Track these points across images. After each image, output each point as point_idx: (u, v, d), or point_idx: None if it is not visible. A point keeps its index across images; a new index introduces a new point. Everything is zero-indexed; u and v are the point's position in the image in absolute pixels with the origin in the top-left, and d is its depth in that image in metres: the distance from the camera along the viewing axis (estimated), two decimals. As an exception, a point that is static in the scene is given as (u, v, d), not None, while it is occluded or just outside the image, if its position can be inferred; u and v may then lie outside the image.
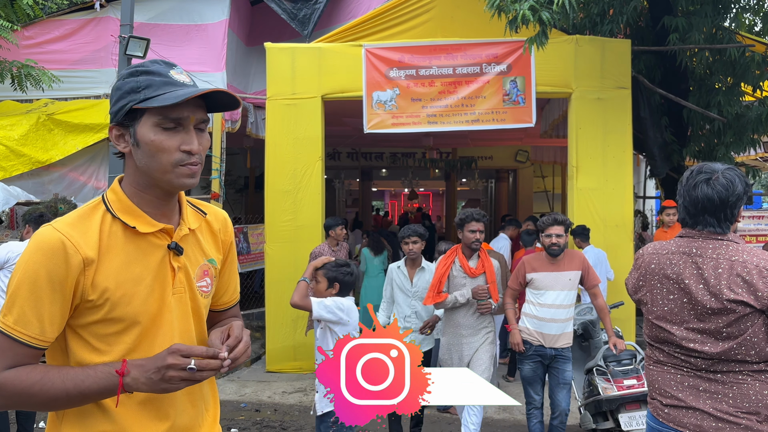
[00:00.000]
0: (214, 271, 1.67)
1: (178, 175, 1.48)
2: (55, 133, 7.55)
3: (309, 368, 7.16)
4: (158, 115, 1.45)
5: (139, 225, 1.49)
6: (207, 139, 1.55)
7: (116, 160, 6.74)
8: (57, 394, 1.38)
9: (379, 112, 7.20)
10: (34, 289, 1.39)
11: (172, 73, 1.48)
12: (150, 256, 1.51)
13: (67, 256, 1.40)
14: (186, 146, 1.46)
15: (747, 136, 7.63)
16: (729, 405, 2.02)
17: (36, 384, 1.38)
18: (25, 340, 1.39)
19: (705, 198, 2.11)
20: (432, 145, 12.04)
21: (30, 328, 1.39)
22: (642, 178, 10.49)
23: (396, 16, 7.32)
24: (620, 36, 7.94)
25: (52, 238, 1.41)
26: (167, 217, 1.56)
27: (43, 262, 1.39)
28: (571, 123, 7.15)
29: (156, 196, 1.53)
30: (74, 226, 1.45)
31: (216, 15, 8.71)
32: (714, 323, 2.03)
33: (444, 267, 4.60)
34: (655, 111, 7.74)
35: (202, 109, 1.51)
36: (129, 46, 6.46)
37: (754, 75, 7.44)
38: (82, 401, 1.42)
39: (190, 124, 1.48)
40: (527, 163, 14.37)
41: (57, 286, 1.39)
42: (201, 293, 1.62)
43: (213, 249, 1.69)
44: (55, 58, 8.53)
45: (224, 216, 1.76)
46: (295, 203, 7.14)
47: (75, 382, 1.39)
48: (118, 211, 1.50)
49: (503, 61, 7.13)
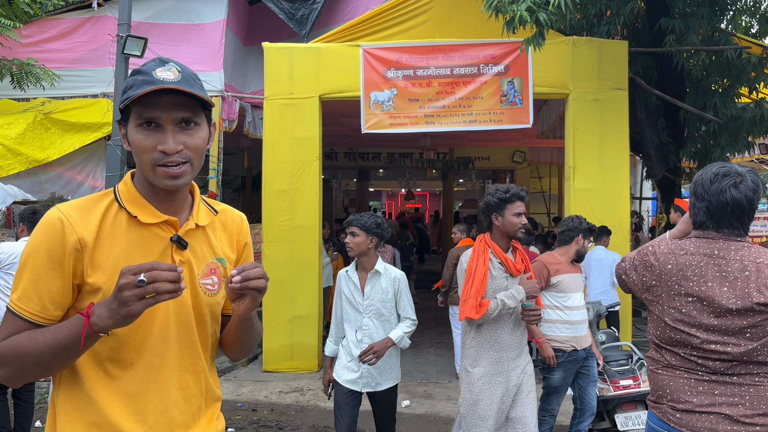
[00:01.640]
0: (223, 271, 1.65)
1: (158, 175, 1.48)
2: (52, 132, 7.54)
3: (306, 368, 7.17)
4: (136, 114, 1.46)
5: (141, 215, 1.52)
6: (198, 137, 1.52)
7: (113, 159, 6.74)
8: (41, 348, 1.41)
9: (376, 112, 7.21)
10: (34, 266, 1.45)
11: (156, 72, 1.46)
12: (152, 246, 1.52)
13: (64, 234, 1.44)
14: (160, 146, 1.46)
15: (742, 138, 7.65)
16: (746, 408, 2.01)
17: (23, 343, 1.42)
18: (25, 316, 1.45)
19: (734, 203, 2.07)
20: (429, 145, 12.05)
21: (30, 304, 1.44)
22: (638, 179, 10.53)
23: (394, 17, 7.33)
24: (617, 37, 7.96)
25: (52, 217, 1.47)
26: (174, 212, 1.57)
27: (43, 240, 1.45)
28: (568, 124, 7.17)
29: (159, 191, 1.54)
30: (78, 208, 1.49)
31: (214, 14, 8.70)
32: (738, 324, 2.01)
33: (483, 263, 3.50)
34: (652, 112, 7.77)
35: (184, 107, 1.48)
36: (126, 45, 6.44)
37: (750, 77, 7.47)
38: (63, 352, 1.41)
39: (165, 123, 1.46)
40: (524, 164, 14.38)
41: (55, 263, 1.44)
42: (205, 291, 1.60)
43: (226, 248, 1.69)
44: (52, 57, 8.51)
45: (241, 217, 1.77)
46: (292, 203, 7.14)
47: (53, 333, 1.41)
48: (125, 201, 1.53)
49: (501, 61, 7.15)
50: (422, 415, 5.85)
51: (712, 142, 7.85)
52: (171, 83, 1.44)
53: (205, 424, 1.64)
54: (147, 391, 1.50)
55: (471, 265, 3.50)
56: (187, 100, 1.48)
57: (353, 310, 3.77)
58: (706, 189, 2.12)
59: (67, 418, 1.49)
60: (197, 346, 1.61)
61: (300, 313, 7.09)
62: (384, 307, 3.72)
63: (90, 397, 1.47)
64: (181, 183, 1.50)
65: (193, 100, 1.49)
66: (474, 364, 3.54)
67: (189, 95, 1.47)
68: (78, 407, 1.48)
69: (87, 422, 1.47)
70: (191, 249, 1.58)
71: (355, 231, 3.69)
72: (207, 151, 1.63)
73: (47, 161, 7.41)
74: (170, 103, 1.46)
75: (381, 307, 3.71)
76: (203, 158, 1.56)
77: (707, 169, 2.17)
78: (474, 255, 3.54)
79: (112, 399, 1.47)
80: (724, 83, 7.86)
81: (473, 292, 3.41)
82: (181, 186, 1.52)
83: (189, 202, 1.63)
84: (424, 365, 7.56)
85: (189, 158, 1.50)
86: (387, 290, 3.72)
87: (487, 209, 3.58)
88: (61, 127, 7.63)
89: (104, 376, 1.48)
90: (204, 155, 1.58)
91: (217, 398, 1.70)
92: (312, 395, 6.38)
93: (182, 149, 1.48)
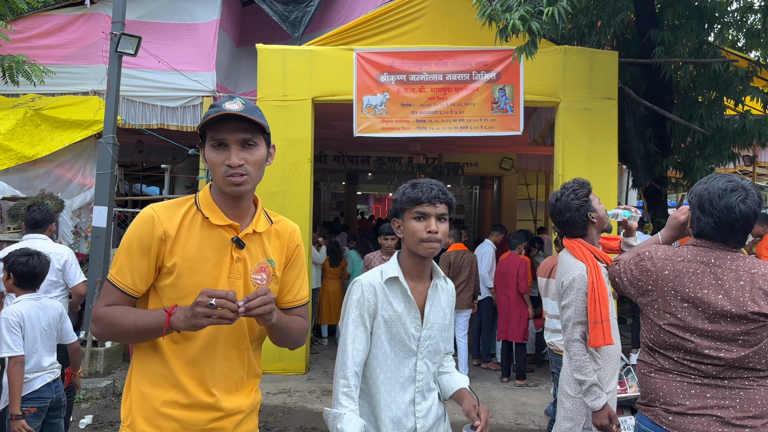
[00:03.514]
0: (272, 270, 2.01)
1: (227, 183, 1.88)
2: (42, 129, 7.49)
3: (293, 370, 7.17)
4: (209, 137, 1.88)
5: (212, 217, 1.91)
6: (257, 155, 1.90)
7: (104, 158, 6.72)
8: (129, 326, 1.82)
9: (369, 116, 7.25)
10: (129, 250, 1.87)
11: (225, 104, 1.84)
12: (217, 243, 1.92)
13: (153, 226, 1.86)
14: (227, 161, 1.85)
15: (727, 149, 7.77)
16: (736, 411, 2.07)
17: (118, 317, 1.84)
18: (121, 287, 1.87)
19: (743, 218, 2.11)
20: (419, 150, 12.10)
21: (125, 278, 1.87)
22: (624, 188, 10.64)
23: (387, 22, 7.38)
24: (607, 47, 8.06)
25: (146, 213, 1.89)
26: (239, 218, 1.96)
27: (137, 230, 1.88)
28: (558, 132, 7.25)
29: (227, 199, 1.93)
30: (165, 208, 1.92)
31: (207, 15, 8.71)
32: (731, 331, 2.07)
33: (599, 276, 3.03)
34: (640, 122, 7.87)
35: (245, 130, 1.87)
36: (120, 43, 6.44)
37: (737, 90, 7.59)
38: (147, 333, 1.83)
39: (230, 143, 1.85)
40: (512, 171, 14.49)
41: (145, 248, 1.86)
42: (254, 284, 1.96)
43: (276, 252, 2.04)
44: (44, 53, 8.47)
45: (293, 228, 2.13)
46: (283, 205, 7.15)
47: (142, 317, 1.83)
48: (201, 206, 1.93)
49: (493, 69, 7.22)
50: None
51: (696, 152, 7.97)
52: (234, 111, 1.82)
53: (246, 394, 2.01)
54: (201, 358, 1.89)
55: (591, 279, 3.00)
56: (248, 125, 1.87)
57: (403, 348, 2.23)
58: (715, 205, 2.14)
59: (141, 372, 1.91)
60: (244, 328, 1.96)
61: (288, 314, 7.08)
62: (443, 339, 2.33)
63: (160, 357, 1.88)
64: (242, 190, 1.88)
65: (253, 125, 1.87)
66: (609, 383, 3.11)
67: (249, 121, 1.85)
68: (151, 363, 1.90)
69: (158, 374, 1.88)
70: (247, 249, 1.95)
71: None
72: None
73: (37, 158, 7.37)
74: (234, 128, 1.86)
75: (440, 340, 2.32)
76: (262, 172, 1.95)
77: (712, 183, 2.18)
78: (590, 264, 3.05)
79: (176, 360, 1.88)
80: (711, 95, 7.98)
81: (605, 312, 2.95)
82: (243, 192, 1.90)
83: (252, 211, 2.01)
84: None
85: (248, 171, 1.88)
86: (446, 311, 2.35)
87: (579, 212, 3.14)
88: (51, 123, 7.58)
89: (172, 343, 1.88)
90: (263, 170, 1.95)
91: (257, 374, 2.07)
92: (299, 397, 6.39)
93: (243, 164, 1.86)
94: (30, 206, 4.99)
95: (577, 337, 3.04)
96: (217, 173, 1.88)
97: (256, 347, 2.07)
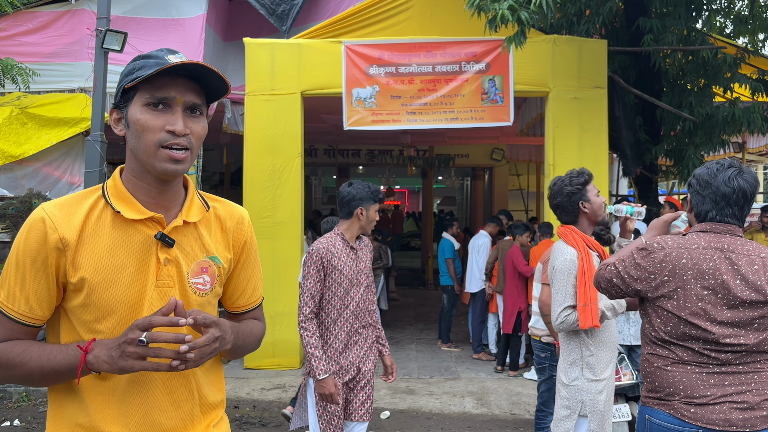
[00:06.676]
0: (216, 270, 1.59)
1: (160, 158, 1.45)
2: (28, 127, 7.41)
3: (287, 365, 7.16)
4: (146, 93, 1.44)
5: (125, 211, 1.47)
6: (201, 126, 1.51)
7: (92, 156, 6.65)
8: (33, 367, 1.41)
9: (358, 109, 7.21)
10: (18, 266, 1.43)
11: (169, 57, 1.46)
12: (135, 244, 1.47)
13: (45, 234, 1.42)
14: (170, 126, 1.43)
15: (717, 136, 7.81)
16: (753, 395, 2.14)
17: (17, 356, 1.42)
18: (14, 316, 1.43)
19: (740, 189, 2.20)
20: (410, 142, 12.07)
21: (17, 304, 1.43)
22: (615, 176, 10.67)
23: (376, 14, 7.34)
24: (596, 36, 8.06)
25: (35, 217, 1.44)
26: (163, 206, 1.53)
27: (26, 240, 1.43)
28: (548, 122, 7.25)
29: (149, 183, 1.50)
30: (62, 207, 1.46)
31: (193, 9, 8.61)
32: (749, 315, 2.13)
33: (589, 261, 3.10)
34: (630, 110, 7.88)
35: (195, 93, 1.48)
36: (106, 39, 6.36)
37: (725, 77, 7.62)
38: (56, 377, 1.43)
39: (177, 104, 1.45)
40: (503, 162, 14.49)
41: (39, 263, 1.42)
42: (195, 290, 1.54)
43: (220, 246, 1.62)
44: (28, 51, 8.36)
45: (240, 214, 1.69)
46: (273, 199, 7.12)
47: (48, 357, 1.41)
48: (111, 197, 1.49)
49: (482, 59, 7.20)
50: (405, 410, 5.88)
51: (687, 140, 8.00)
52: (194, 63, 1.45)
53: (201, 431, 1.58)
54: (131, 394, 1.46)
55: (581, 264, 3.05)
56: (198, 87, 1.49)
57: None
58: (713, 176, 2.24)
59: (56, 421, 1.48)
60: None
61: (282, 309, 7.07)
62: None
63: (80, 397, 1.46)
64: (180, 169, 1.47)
65: (200, 92, 1.50)
66: (603, 370, 3.10)
67: (200, 85, 1.49)
68: (66, 407, 1.47)
69: (73, 423, 1.46)
70: (179, 246, 1.52)
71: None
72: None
73: (24, 157, 7.29)
74: (184, 86, 1.46)
75: None
76: (199, 151, 1.53)
77: (707, 165, 2.29)
78: (580, 246, 3.11)
79: (100, 402, 1.45)
80: (699, 83, 8.00)
81: (594, 296, 2.98)
82: (180, 172, 1.49)
83: (182, 197, 1.57)
84: (405, 361, 7.60)
85: (192, 145, 1.48)
86: None
87: (570, 199, 3.21)
88: (37, 122, 7.50)
89: (94, 379, 1.45)
90: (200, 149, 1.55)
91: (215, 404, 1.63)
92: (294, 392, 6.37)
93: (188, 134, 1.47)
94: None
95: (566, 317, 3.04)
96: (148, 142, 1.44)
97: (210, 367, 1.62)
